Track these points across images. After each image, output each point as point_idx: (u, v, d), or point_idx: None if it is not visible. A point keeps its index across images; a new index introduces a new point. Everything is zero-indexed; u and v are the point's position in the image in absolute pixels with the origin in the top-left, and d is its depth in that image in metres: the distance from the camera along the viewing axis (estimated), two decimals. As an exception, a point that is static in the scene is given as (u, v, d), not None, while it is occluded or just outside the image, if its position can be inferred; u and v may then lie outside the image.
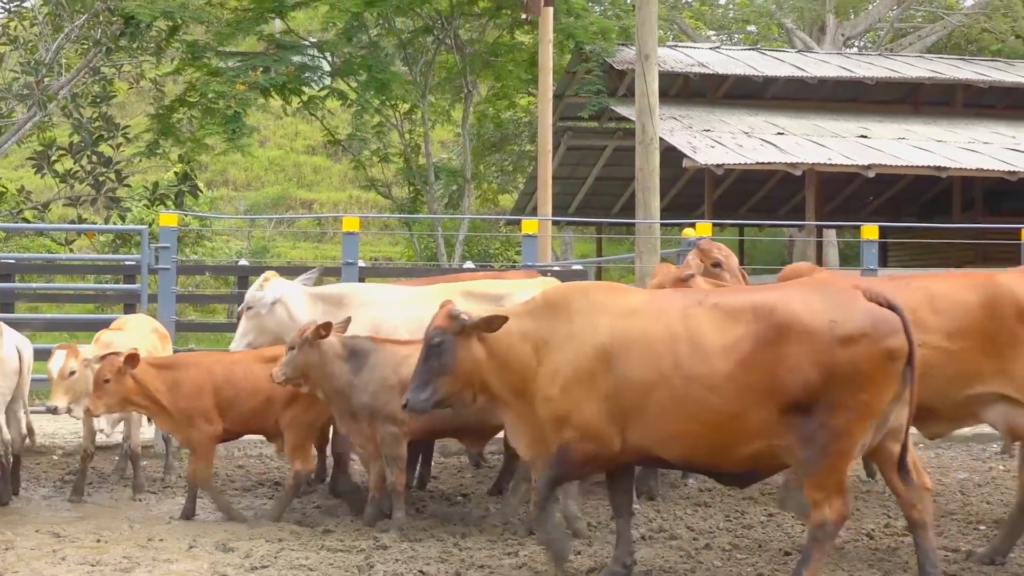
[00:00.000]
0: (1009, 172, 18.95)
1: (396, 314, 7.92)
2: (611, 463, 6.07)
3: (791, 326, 5.54)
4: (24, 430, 8.59)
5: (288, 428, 7.65)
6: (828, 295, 5.72)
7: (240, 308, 8.73)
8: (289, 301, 8.25)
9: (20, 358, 8.05)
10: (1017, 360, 6.33)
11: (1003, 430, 6.80)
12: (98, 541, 6.92)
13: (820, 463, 5.49)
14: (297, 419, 7.61)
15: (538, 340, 5.96)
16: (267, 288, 8.26)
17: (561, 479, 6.11)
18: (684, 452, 5.83)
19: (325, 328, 6.93)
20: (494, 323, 5.88)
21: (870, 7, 31.02)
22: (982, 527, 7.39)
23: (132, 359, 7.32)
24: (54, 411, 7.78)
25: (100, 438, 8.92)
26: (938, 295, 6.47)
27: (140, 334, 8.86)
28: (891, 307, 5.59)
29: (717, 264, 8.30)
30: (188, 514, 7.73)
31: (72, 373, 7.56)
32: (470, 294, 8.18)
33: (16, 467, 8.48)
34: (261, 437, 8.46)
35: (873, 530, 7.37)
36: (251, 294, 8.37)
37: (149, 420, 8.51)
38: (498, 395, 6.10)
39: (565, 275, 13.22)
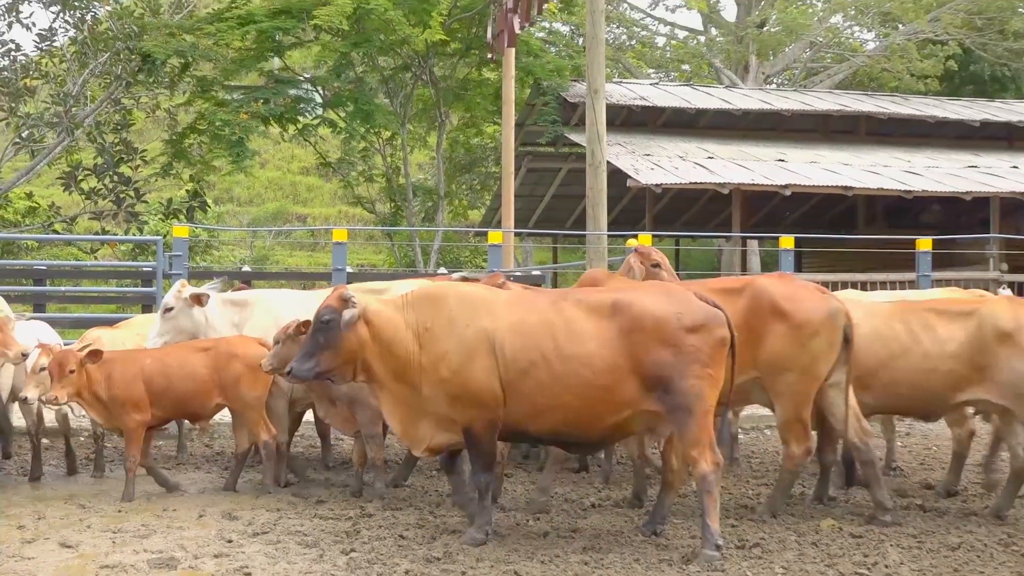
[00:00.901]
0: (905, 191, 19.13)
1: (289, 313, 8.05)
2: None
3: (645, 317, 5.93)
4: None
5: (243, 409, 7.56)
6: (672, 295, 6.20)
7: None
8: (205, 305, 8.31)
9: None
10: (767, 348, 6.66)
11: (766, 404, 7.14)
12: (119, 511, 6.89)
13: (690, 424, 5.83)
14: (246, 399, 7.52)
15: (419, 329, 6.03)
16: (184, 294, 8.26)
17: (486, 459, 6.10)
18: (555, 424, 6.03)
19: (304, 326, 6.89)
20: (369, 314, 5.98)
21: (786, 50, 31.20)
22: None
23: (94, 355, 7.18)
24: (24, 401, 7.62)
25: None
26: (717, 298, 6.54)
27: (138, 331, 8.78)
28: (716, 307, 6.06)
29: (656, 265, 8.29)
30: (164, 484, 7.63)
31: (43, 369, 7.42)
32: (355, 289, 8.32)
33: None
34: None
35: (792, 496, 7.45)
36: (170, 298, 8.33)
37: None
38: (378, 376, 6.10)
39: (526, 280, 13.27)
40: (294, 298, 8.70)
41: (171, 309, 8.27)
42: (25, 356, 6.92)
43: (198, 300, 8.21)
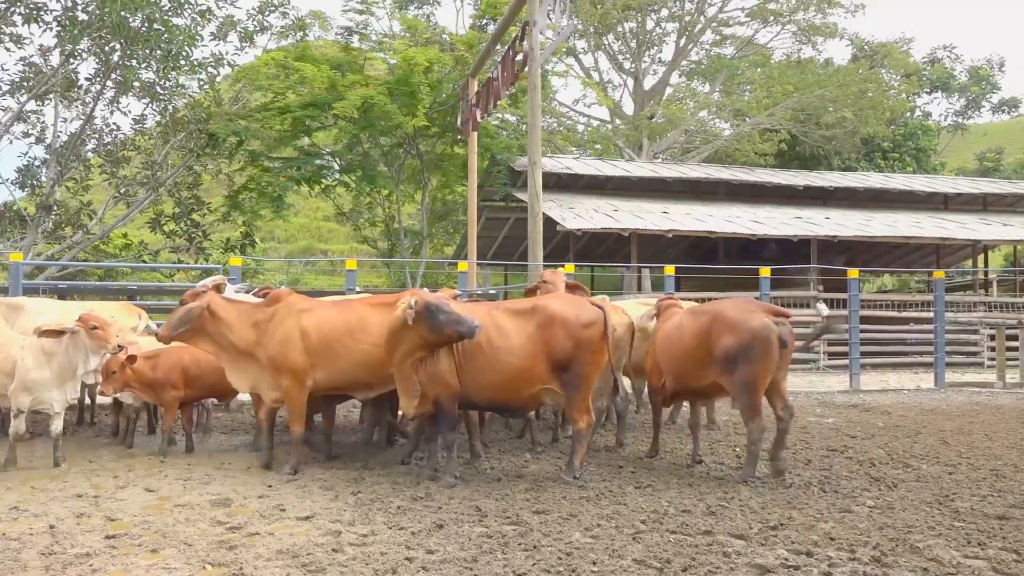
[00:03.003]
0: (752, 234, 19.41)
1: None
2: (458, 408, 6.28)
3: (555, 316, 6.04)
4: None
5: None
6: (572, 301, 6.28)
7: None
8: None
9: None
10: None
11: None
12: (188, 465, 6.76)
13: (576, 396, 6.05)
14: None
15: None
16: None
17: (451, 422, 6.12)
18: (491, 395, 6.11)
19: None
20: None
21: (669, 134, 31.51)
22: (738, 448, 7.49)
23: (131, 358, 7.04)
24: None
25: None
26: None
27: None
28: (600, 307, 6.16)
29: (546, 281, 8.14)
30: (166, 445, 7.36)
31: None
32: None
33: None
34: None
35: (673, 450, 7.46)
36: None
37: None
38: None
39: (484, 297, 13.20)
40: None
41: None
42: (122, 348, 6.70)
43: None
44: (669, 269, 12.88)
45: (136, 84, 18.14)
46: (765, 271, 13.56)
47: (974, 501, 5.64)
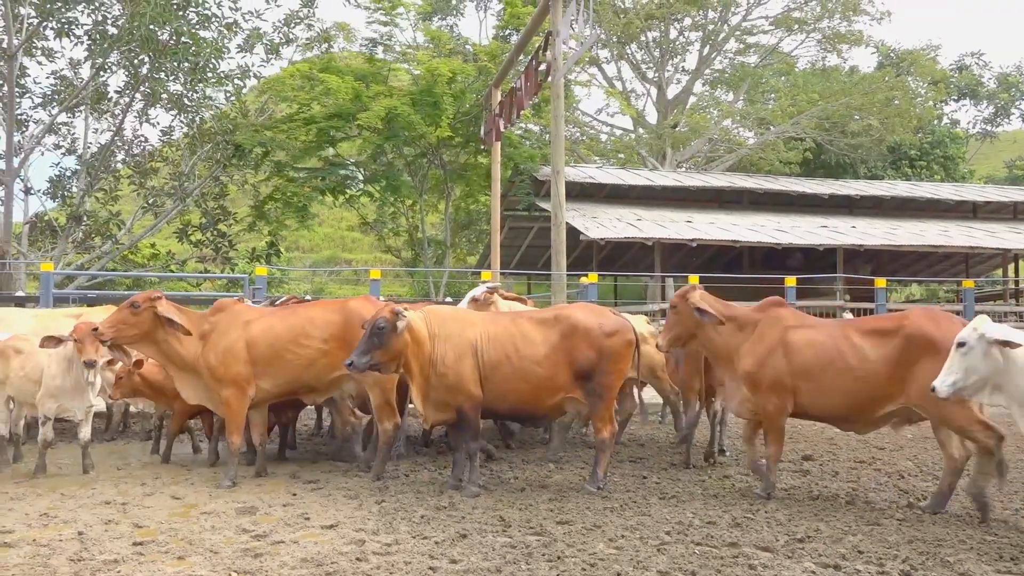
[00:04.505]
0: (775, 243, 19.27)
1: None
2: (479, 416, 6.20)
3: (578, 325, 6.08)
4: None
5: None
6: (595, 310, 6.37)
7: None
8: None
9: None
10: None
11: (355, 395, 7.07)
12: (214, 473, 6.79)
13: (600, 406, 6.10)
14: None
15: (432, 334, 5.95)
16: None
17: (473, 430, 6.08)
18: (515, 404, 6.12)
19: None
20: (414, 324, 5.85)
21: (692, 143, 31.38)
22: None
23: (138, 363, 7.08)
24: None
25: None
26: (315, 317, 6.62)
27: None
28: (622, 318, 6.28)
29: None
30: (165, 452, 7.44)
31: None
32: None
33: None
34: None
35: (696, 461, 7.40)
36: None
37: None
38: (411, 369, 5.93)
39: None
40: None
41: None
42: (92, 363, 6.35)
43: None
44: (693, 279, 12.82)
45: (164, 96, 18.41)
46: (791, 280, 13.45)
47: (1006, 515, 5.54)
